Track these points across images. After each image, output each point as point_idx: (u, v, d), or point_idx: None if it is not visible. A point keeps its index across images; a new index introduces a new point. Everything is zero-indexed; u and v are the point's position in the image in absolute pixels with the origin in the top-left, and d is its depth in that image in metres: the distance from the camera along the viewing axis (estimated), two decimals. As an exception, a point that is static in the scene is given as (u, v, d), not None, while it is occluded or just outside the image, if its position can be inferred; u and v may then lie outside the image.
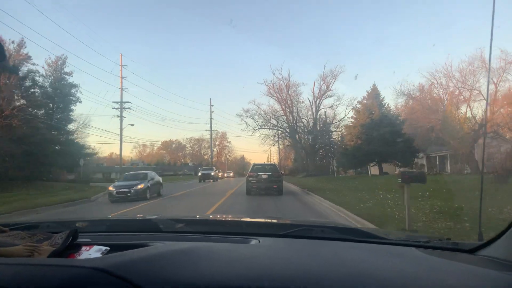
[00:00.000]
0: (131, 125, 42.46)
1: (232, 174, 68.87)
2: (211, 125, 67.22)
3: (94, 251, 1.07)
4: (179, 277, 0.84)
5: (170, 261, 0.94)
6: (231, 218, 2.27)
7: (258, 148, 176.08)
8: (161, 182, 18.69)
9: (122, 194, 15.23)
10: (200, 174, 38.91)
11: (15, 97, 26.53)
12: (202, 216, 3.77)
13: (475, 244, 1.30)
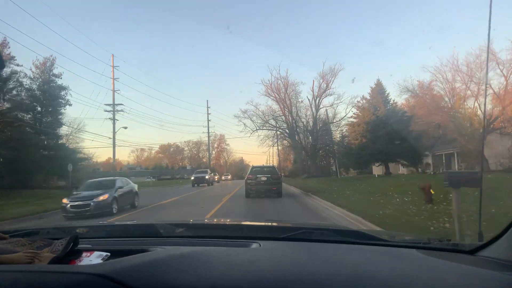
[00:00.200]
0: (124, 128, 41.18)
1: (230, 177, 65.63)
2: (208, 127, 66.08)
3: (94, 257, 1.06)
4: (180, 282, 0.84)
5: (171, 266, 0.93)
6: (231, 222, 2.17)
7: (257, 149, 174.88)
8: (135, 190, 14.86)
9: (78, 209, 11.50)
10: (192, 178, 34.77)
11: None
12: (202, 220, 3.72)
13: (475, 244, 1.28)
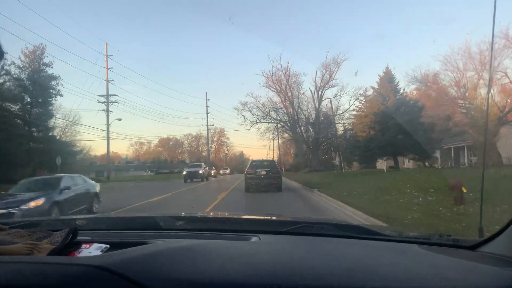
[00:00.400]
0: (118, 120, 39.53)
1: (228, 171, 62.89)
2: (207, 120, 64.34)
3: (94, 249, 1.06)
4: (179, 274, 0.84)
5: (170, 258, 0.93)
6: (231, 215, 2.13)
7: (257, 143, 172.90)
8: (94, 191, 11.45)
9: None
10: (184, 173, 30.29)
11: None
12: (202, 213, 3.38)
13: (476, 240, 1.28)
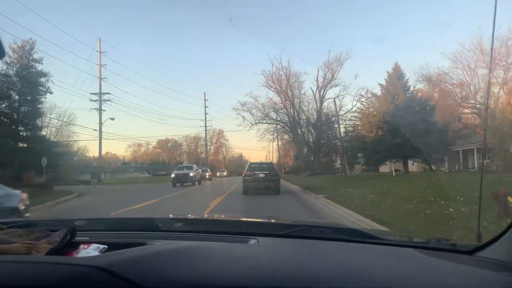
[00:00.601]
0: (111, 119, 37.93)
1: (225, 173, 59.43)
2: (206, 120, 62.71)
3: (92, 250, 1.06)
4: (177, 275, 0.84)
5: (168, 259, 0.93)
6: (230, 218, 2.14)
7: (256, 145, 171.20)
8: (13, 206, 7.52)
9: None
10: (173, 176, 26.37)
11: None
12: (201, 215, 3.38)
13: (474, 245, 1.28)
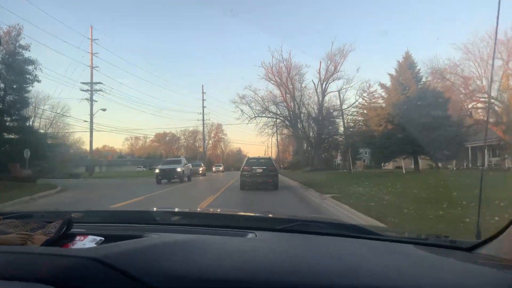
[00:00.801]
0: (103, 110, 36.15)
1: (222, 168, 54.69)
2: (203, 113, 60.98)
3: (88, 241, 1.05)
4: (174, 268, 0.83)
5: (165, 252, 0.93)
6: (228, 212, 2.15)
7: (255, 139, 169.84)
8: None
9: None
10: (157, 171, 22.26)
11: None
12: (199, 209, 3.35)
13: (473, 242, 1.28)
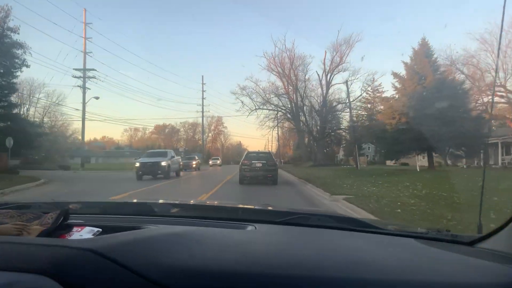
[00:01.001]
0: (96, 98, 34.24)
1: (219, 162, 52.00)
2: (203, 105, 59.30)
3: (85, 232, 1.04)
4: (172, 260, 0.82)
5: (163, 244, 0.91)
6: (227, 204, 2.08)
7: (256, 132, 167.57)
8: None
9: None
10: (137, 165, 18.88)
11: None
12: (198, 201, 3.25)
13: (475, 236, 1.27)
